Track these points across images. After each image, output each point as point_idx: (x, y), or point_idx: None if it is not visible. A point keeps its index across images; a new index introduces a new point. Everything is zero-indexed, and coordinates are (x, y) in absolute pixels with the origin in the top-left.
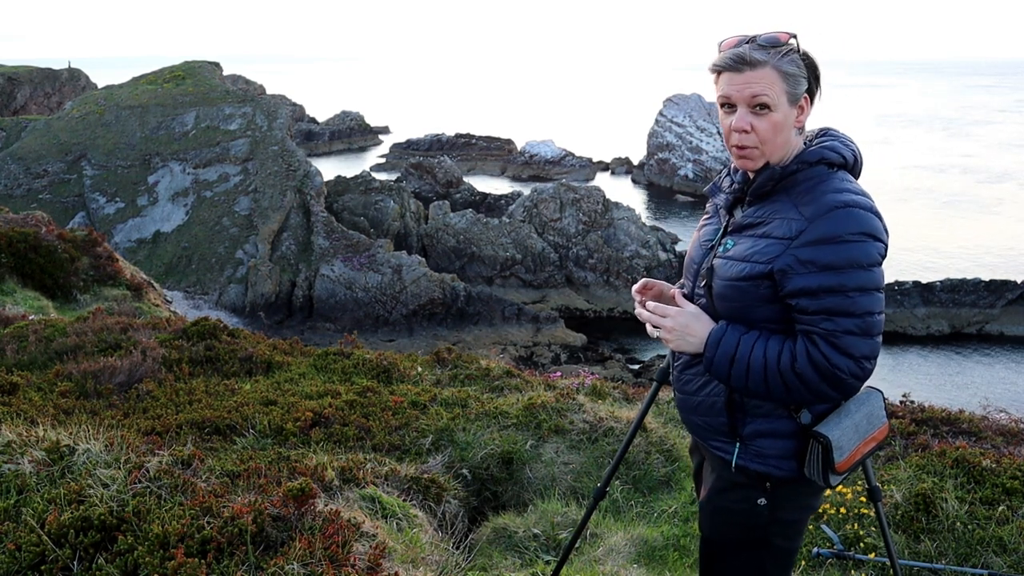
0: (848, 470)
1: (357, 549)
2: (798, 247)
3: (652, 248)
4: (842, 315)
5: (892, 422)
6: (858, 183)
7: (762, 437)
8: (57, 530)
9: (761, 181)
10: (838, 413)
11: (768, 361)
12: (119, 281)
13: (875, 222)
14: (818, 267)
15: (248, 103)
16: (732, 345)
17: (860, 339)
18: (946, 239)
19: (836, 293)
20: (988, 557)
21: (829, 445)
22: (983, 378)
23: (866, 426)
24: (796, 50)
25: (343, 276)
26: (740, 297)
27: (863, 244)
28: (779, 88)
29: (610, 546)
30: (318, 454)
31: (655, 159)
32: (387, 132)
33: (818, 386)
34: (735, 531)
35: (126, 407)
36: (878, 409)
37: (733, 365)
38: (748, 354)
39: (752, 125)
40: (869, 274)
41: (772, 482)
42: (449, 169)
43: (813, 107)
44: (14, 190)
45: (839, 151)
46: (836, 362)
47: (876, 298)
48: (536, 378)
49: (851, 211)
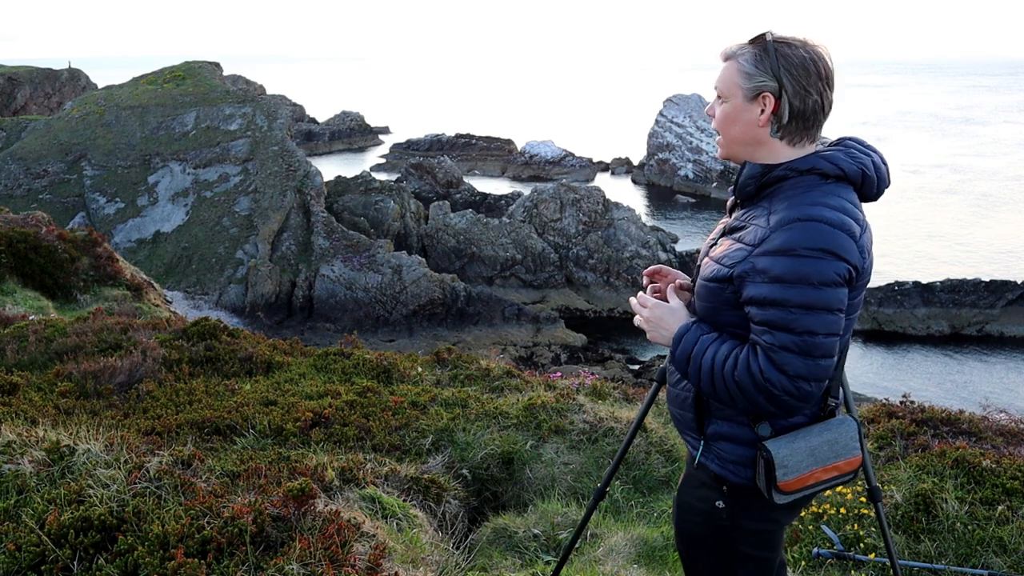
0: (797, 492)
1: (357, 549)
2: (757, 255)
3: (652, 248)
4: (781, 330)
5: (892, 423)
6: (848, 199)
7: (723, 440)
8: (57, 530)
9: (743, 179)
10: (797, 432)
11: (715, 364)
12: (119, 281)
13: (840, 240)
14: (768, 278)
15: (248, 103)
16: (691, 343)
17: (797, 357)
18: (964, 236)
19: (779, 307)
20: (988, 557)
21: (772, 461)
22: (983, 378)
23: (826, 453)
24: (765, 48)
25: (343, 276)
26: (710, 298)
27: (818, 261)
28: (733, 81)
29: (610, 546)
30: (318, 454)
31: (655, 159)
32: (387, 132)
33: (753, 397)
34: (697, 529)
35: (126, 407)
36: (847, 439)
37: (690, 363)
38: (701, 355)
39: (714, 111)
40: (818, 292)
41: (728, 487)
42: (449, 169)
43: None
44: (14, 190)
45: (836, 162)
46: (769, 376)
47: (822, 319)
48: (536, 378)
49: (815, 225)
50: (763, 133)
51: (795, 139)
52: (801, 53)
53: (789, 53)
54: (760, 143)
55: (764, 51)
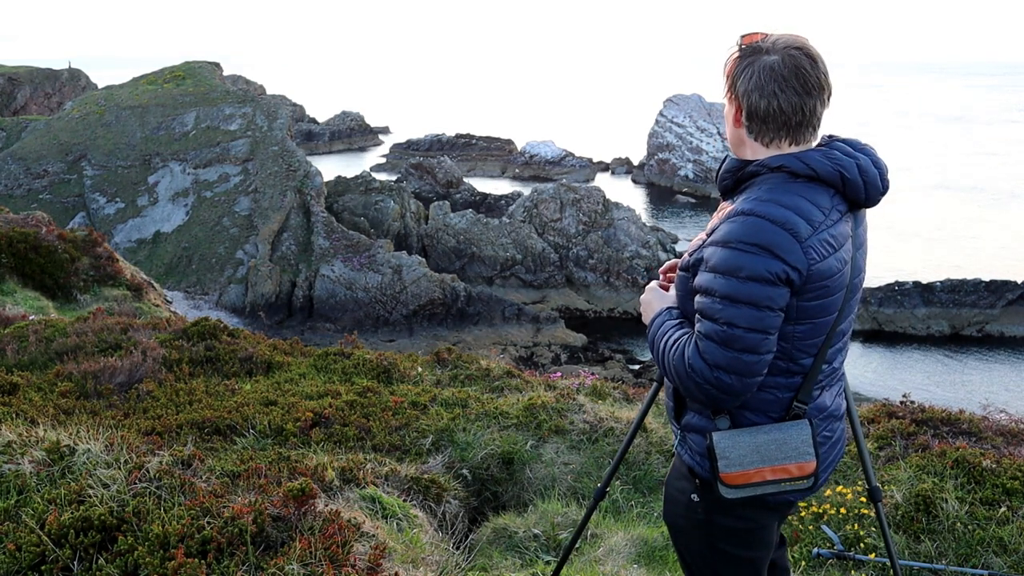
0: (743, 488)
1: (357, 549)
2: (707, 245)
3: (652, 248)
4: (707, 318)
5: (892, 423)
6: (809, 198)
7: (693, 431)
8: (57, 530)
9: (722, 172)
10: (746, 429)
11: (666, 347)
12: (119, 281)
13: (778, 238)
14: (707, 267)
15: (248, 103)
16: (658, 327)
17: (717, 347)
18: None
19: (708, 295)
20: (988, 557)
21: (713, 450)
22: (983, 378)
23: (774, 452)
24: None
25: (343, 276)
26: (680, 287)
27: (749, 255)
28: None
29: (610, 546)
30: (318, 454)
31: (655, 159)
32: (387, 132)
33: (686, 383)
34: (678, 520)
35: (126, 407)
36: (798, 442)
37: (654, 345)
38: (662, 338)
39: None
40: (744, 286)
41: (699, 480)
42: (449, 169)
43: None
44: (14, 190)
45: (807, 161)
46: (692, 362)
47: (745, 313)
48: (536, 378)
49: (754, 220)
50: (742, 133)
51: (766, 140)
52: (771, 57)
53: (755, 58)
54: (742, 142)
55: (736, 56)
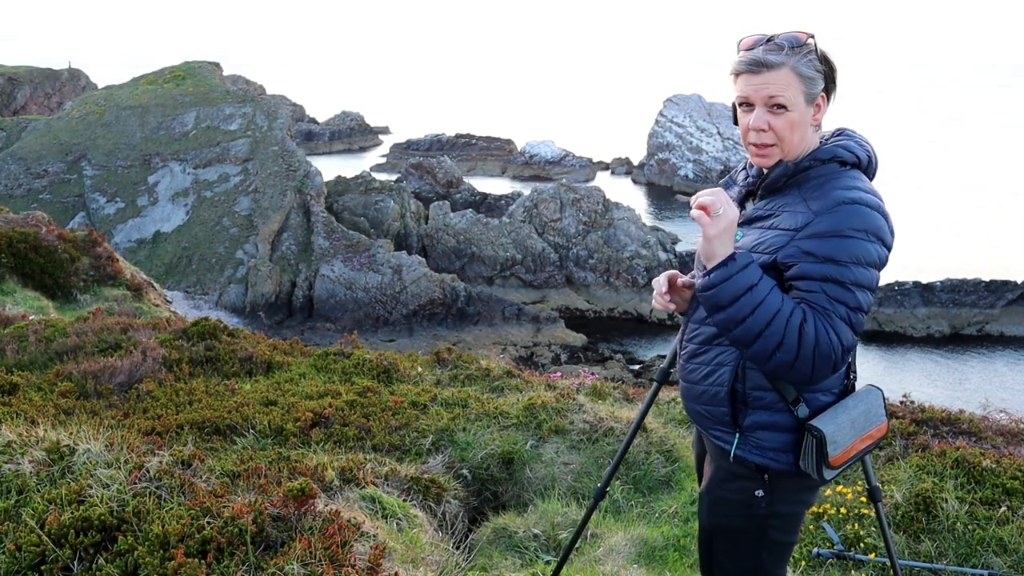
0: (843, 465)
1: (357, 549)
2: (802, 239)
3: (652, 248)
4: (839, 303)
5: (892, 422)
6: (869, 183)
7: (762, 429)
8: (57, 530)
9: (775, 176)
10: (835, 408)
11: (783, 309)
12: (119, 281)
13: (880, 222)
14: (819, 258)
15: (248, 103)
16: (754, 277)
17: (848, 329)
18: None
19: (835, 283)
20: (988, 557)
21: (823, 439)
22: (983, 378)
23: (863, 423)
24: (814, 51)
25: (343, 276)
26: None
27: (865, 242)
28: (796, 88)
29: (610, 546)
30: (318, 454)
31: (655, 159)
32: (387, 132)
33: (808, 355)
34: (732, 521)
35: (126, 407)
36: (877, 407)
37: (744, 295)
38: (766, 292)
39: (769, 124)
40: (867, 272)
41: (770, 474)
42: (449, 169)
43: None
44: (14, 190)
45: (852, 150)
46: (831, 339)
47: (867, 297)
48: (536, 378)
49: (857, 208)
50: (810, 133)
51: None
52: (813, 53)
53: (824, 51)
54: (808, 142)
55: (815, 54)
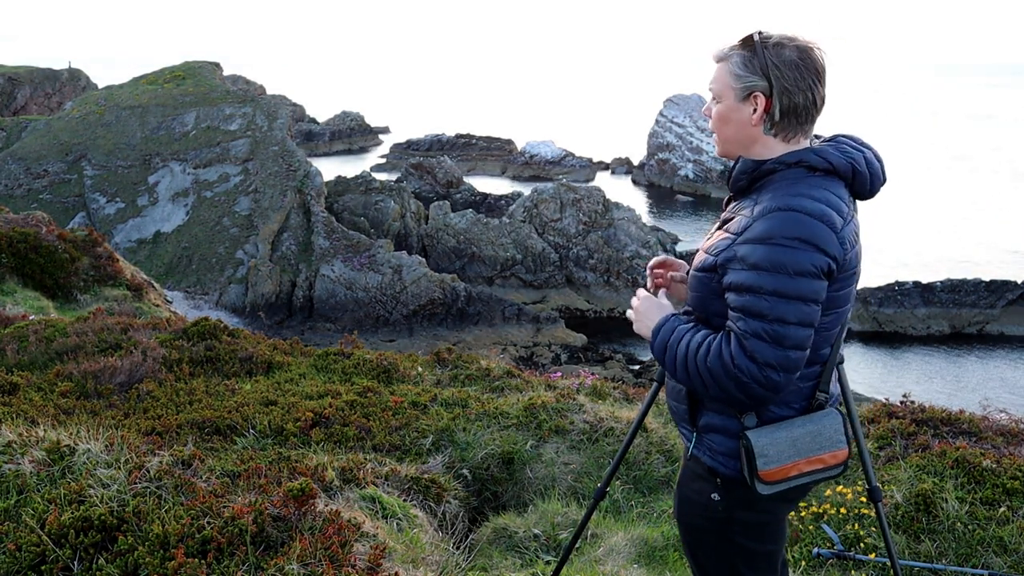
0: (780, 483)
1: (357, 549)
2: (739, 243)
3: (652, 248)
4: (754, 316)
5: (892, 423)
6: (834, 192)
7: (714, 432)
8: (57, 530)
9: (735, 174)
10: (780, 423)
11: (689, 351)
12: (119, 281)
13: (819, 231)
14: (746, 265)
15: (248, 103)
16: (668, 333)
17: (767, 345)
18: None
19: (754, 293)
20: (988, 557)
21: (751, 449)
22: (983, 378)
23: (809, 444)
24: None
25: (343, 276)
26: (698, 287)
27: (794, 250)
28: (726, 83)
29: (610, 546)
30: (318, 454)
31: (655, 159)
32: (387, 132)
33: (725, 384)
34: (696, 521)
35: (126, 407)
36: (831, 431)
37: (666, 352)
38: (676, 344)
39: (710, 111)
40: (793, 281)
41: (721, 479)
42: (449, 169)
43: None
44: (14, 190)
45: (825, 155)
46: (739, 363)
47: (794, 307)
48: (536, 378)
49: (793, 215)
50: (756, 131)
51: (789, 135)
52: (789, 51)
53: (777, 52)
54: (754, 141)
55: (753, 52)
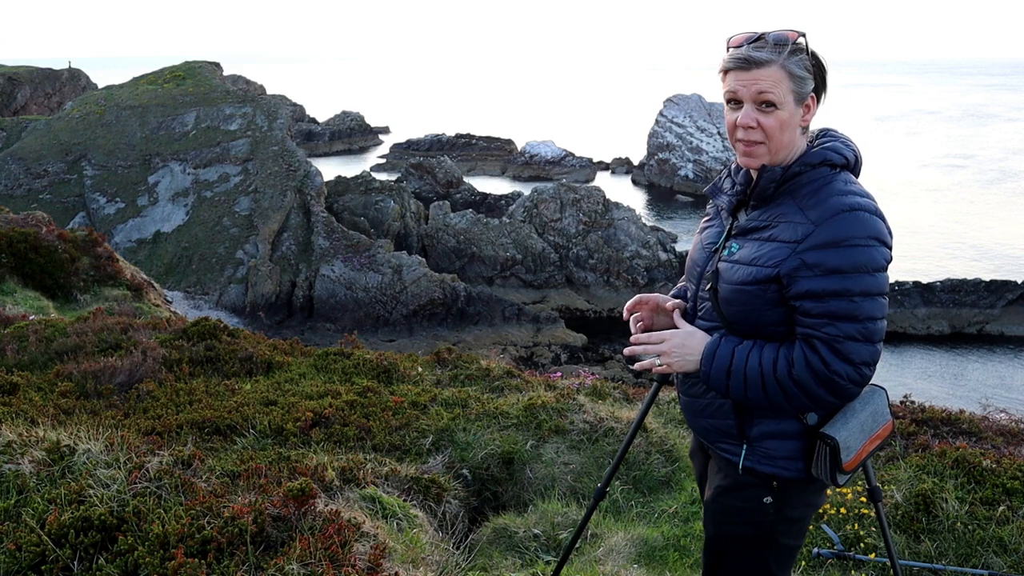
0: (855, 469)
1: (357, 549)
2: (804, 250)
3: (652, 248)
4: (845, 319)
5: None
6: (861, 185)
7: (770, 438)
8: (57, 530)
9: (764, 183)
10: (844, 413)
11: (764, 369)
12: (119, 281)
13: (881, 226)
14: (824, 270)
15: (248, 103)
16: (727, 357)
17: (861, 345)
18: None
19: (841, 297)
20: (988, 557)
21: (837, 447)
22: (983, 378)
23: (871, 424)
24: (804, 50)
25: (343, 276)
26: (747, 301)
27: (869, 248)
28: (785, 87)
29: (610, 546)
30: (318, 454)
31: (655, 159)
32: (387, 132)
33: (816, 391)
34: (740, 529)
35: (126, 407)
36: (882, 407)
37: (730, 377)
38: (744, 364)
39: (758, 121)
40: (874, 279)
41: (779, 482)
42: (449, 169)
43: (819, 107)
44: (14, 190)
45: (841, 152)
46: (835, 368)
47: (880, 303)
48: (536, 378)
49: (857, 215)
50: (799, 135)
51: (807, 134)
52: (802, 52)
53: (816, 52)
54: (796, 145)
55: (806, 54)
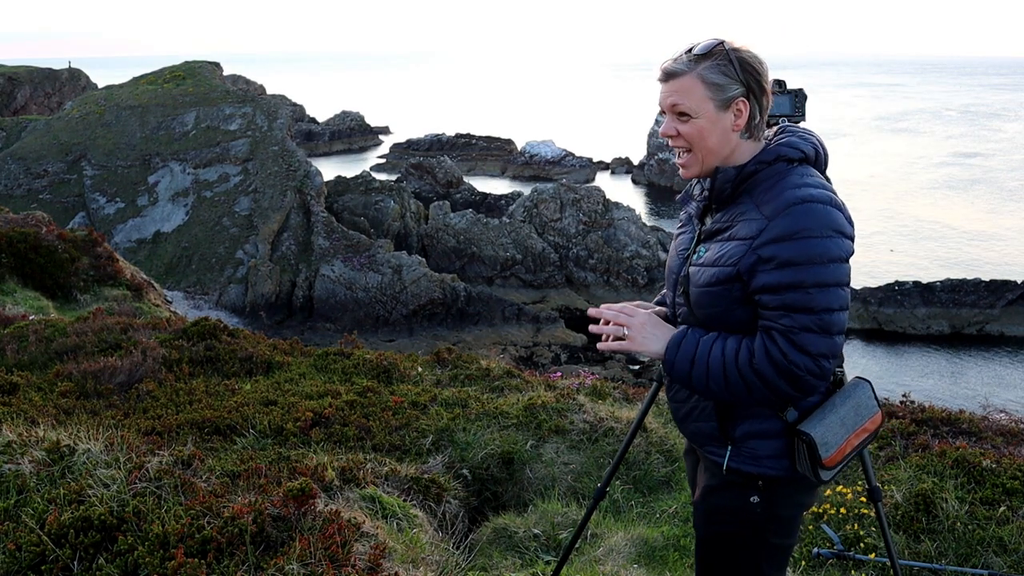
0: (839, 464)
1: (357, 549)
2: (760, 245)
3: (652, 248)
4: (801, 311)
5: (892, 423)
6: (819, 177)
7: (753, 438)
8: (57, 530)
9: (719, 184)
10: (823, 408)
11: (726, 359)
12: (119, 281)
13: (835, 216)
14: (778, 263)
15: (248, 103)
16: (691, 346)
17: (818, 336)
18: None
19: (796, 289)
20: (988, 557)
21: (813, 443)
22: (983, 378)
23: (854, 418)
24: (724, 56)
25: (343, 276)
26: (715, 303)
27: (824, 240)
28: (699, 95)
29: (610, 546)
30: (318, 454)
31: (655, 159)
32: (387, 132)
33: (775, 383)
34: (729, 528)
35: (126, 407)
36: (866, 399)
37: (693, 366)
38: (707, 354)
39: (677, 130)
40: (828, 270)
41: (765, 481)
42: (449, 169)
43: (758, 109)
44: (14, 190)
45: (796, 146)
46: (793, 359)
47: (836, 294)
48: (536, 378)
49: (809, 206)
50: (735, 137)
51: (757, 135)
52: (749, 54)
53: (744, 57)
54: (733, 148)
55: (727, 60)
